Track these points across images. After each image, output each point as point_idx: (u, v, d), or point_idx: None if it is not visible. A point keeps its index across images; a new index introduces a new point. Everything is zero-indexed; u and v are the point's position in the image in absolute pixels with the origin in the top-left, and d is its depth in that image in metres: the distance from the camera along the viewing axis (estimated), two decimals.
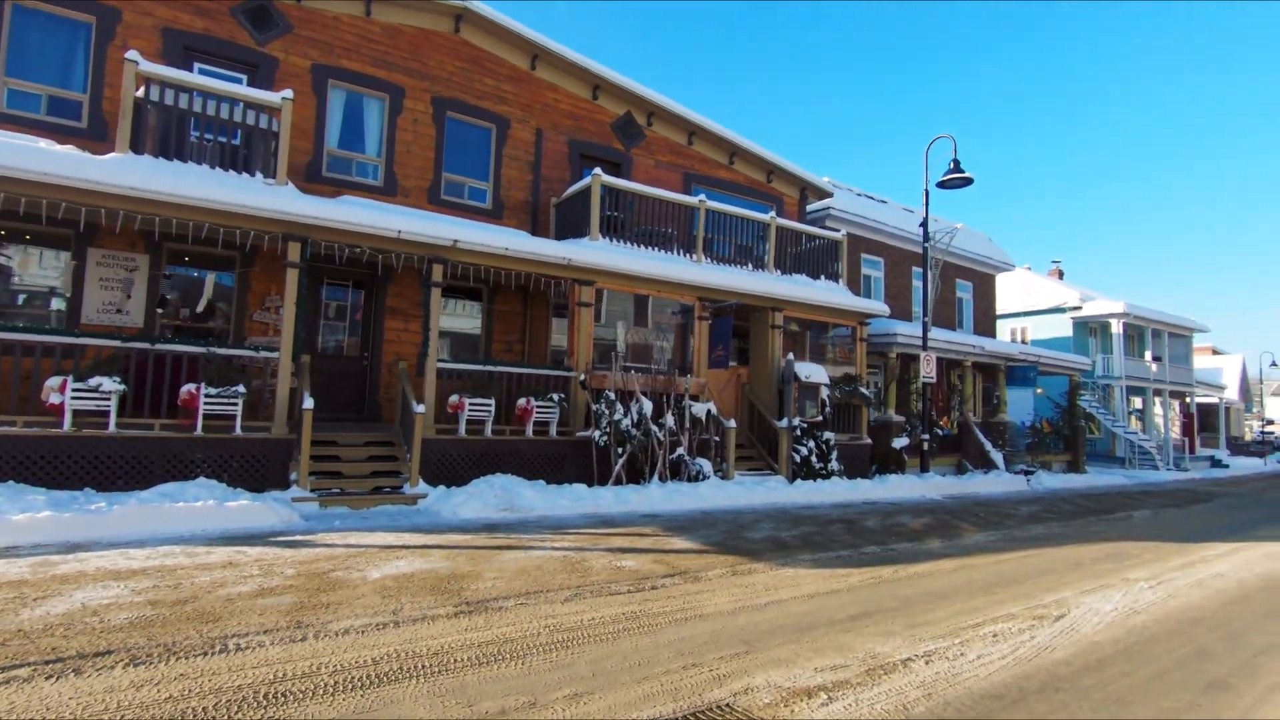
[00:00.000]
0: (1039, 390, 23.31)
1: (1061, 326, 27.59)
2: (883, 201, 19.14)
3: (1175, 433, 30.95)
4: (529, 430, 9.97)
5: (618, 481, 10.32)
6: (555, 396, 10.04)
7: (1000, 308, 29.36)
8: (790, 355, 12.53)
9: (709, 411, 11.33)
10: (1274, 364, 46.93)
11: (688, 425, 11.13)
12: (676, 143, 14.44)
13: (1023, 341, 28.46)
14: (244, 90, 8.33)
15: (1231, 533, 10.61)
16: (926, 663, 4.20)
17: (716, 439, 11.49)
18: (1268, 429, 64.76)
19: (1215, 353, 48.52)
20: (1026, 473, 17.37)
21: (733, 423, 11.47)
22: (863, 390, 13.68)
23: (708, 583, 5.83)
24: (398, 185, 11.22)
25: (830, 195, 16.58)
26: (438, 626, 4.38)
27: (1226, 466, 30.53)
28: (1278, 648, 4.83)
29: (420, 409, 8.80)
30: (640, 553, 6.88)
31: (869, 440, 14.09)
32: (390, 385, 10.73)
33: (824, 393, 12.70)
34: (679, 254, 12.28)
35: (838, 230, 14.63)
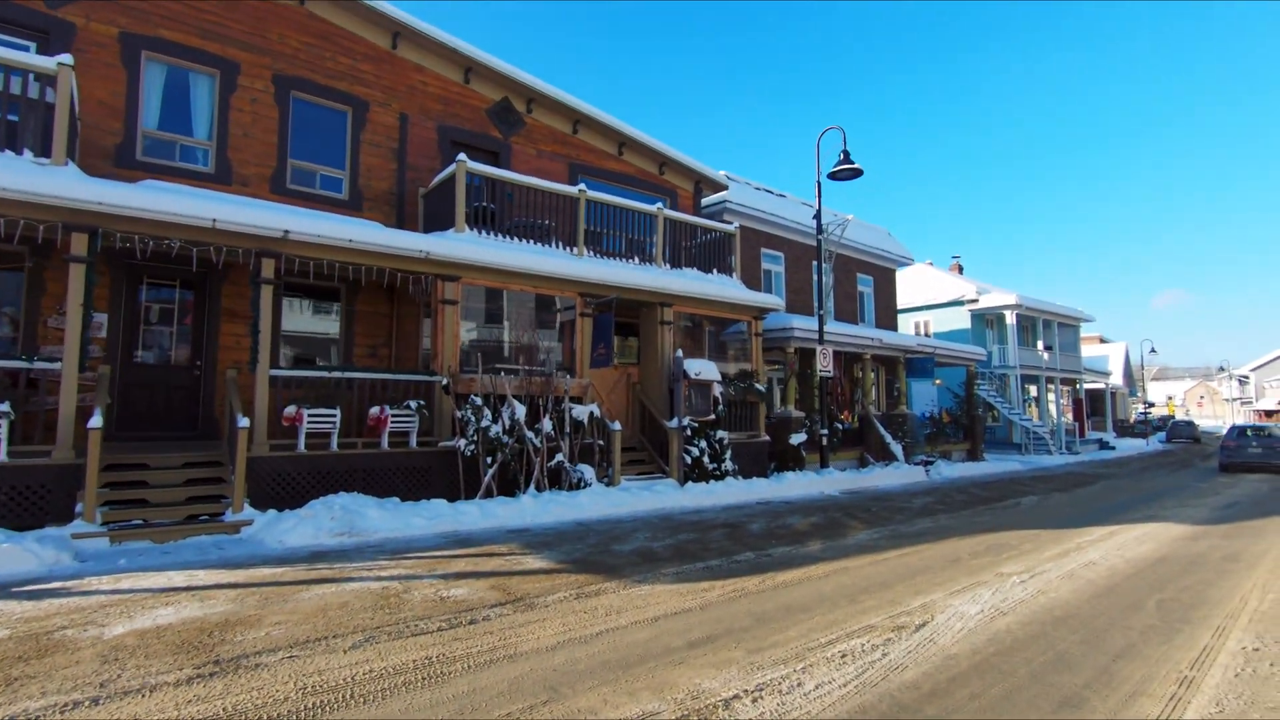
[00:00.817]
0: (937, 381, 23.82)
1: (961, 319, 28.44)
2: (781, 196, 19.01)
3: (1067, 418, 32.50)
4: (384, 442, 8.97)
5: (488, 494, 9.46)
6: (413, 404, 9.08)
7: (904, 302, 30.05)
8: (679, 352, 11.97)
9: (592, 414, 10.62)
10: (1153, 351, 50.40)
11: (568, 430, 10.38)
12: (560, 131, 13.69)
13: (925, 334, 29.21)
14: (4, 54, 7.02)
15: (1109, 515, 10.72)
16: (754, 700, 3.59)
17: (601, 443, 10.79)
18: (1149, 411, 69.73)
19: (1102, 341, 51.74)
20: (926, 463, 17.51)
21: (617, 425, 10.80)
22: (758, 386, 13.29)
23: (542, 611, 5.09)
24: (233, 172, 9.99)
25: (725, 188, 16.21)
26: (153, 700, 3.44)
27: (1113, 448, 32.28)
28: (1136, 648, 4.49)
29: (245, 423, 7.69)
30: (481, 577, 6.07)
31: (767, 438, 13.73)
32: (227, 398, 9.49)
33: (716, 390, 12.21)
34: (560, 248, 11.52)
35: (732, 224, 14.22)
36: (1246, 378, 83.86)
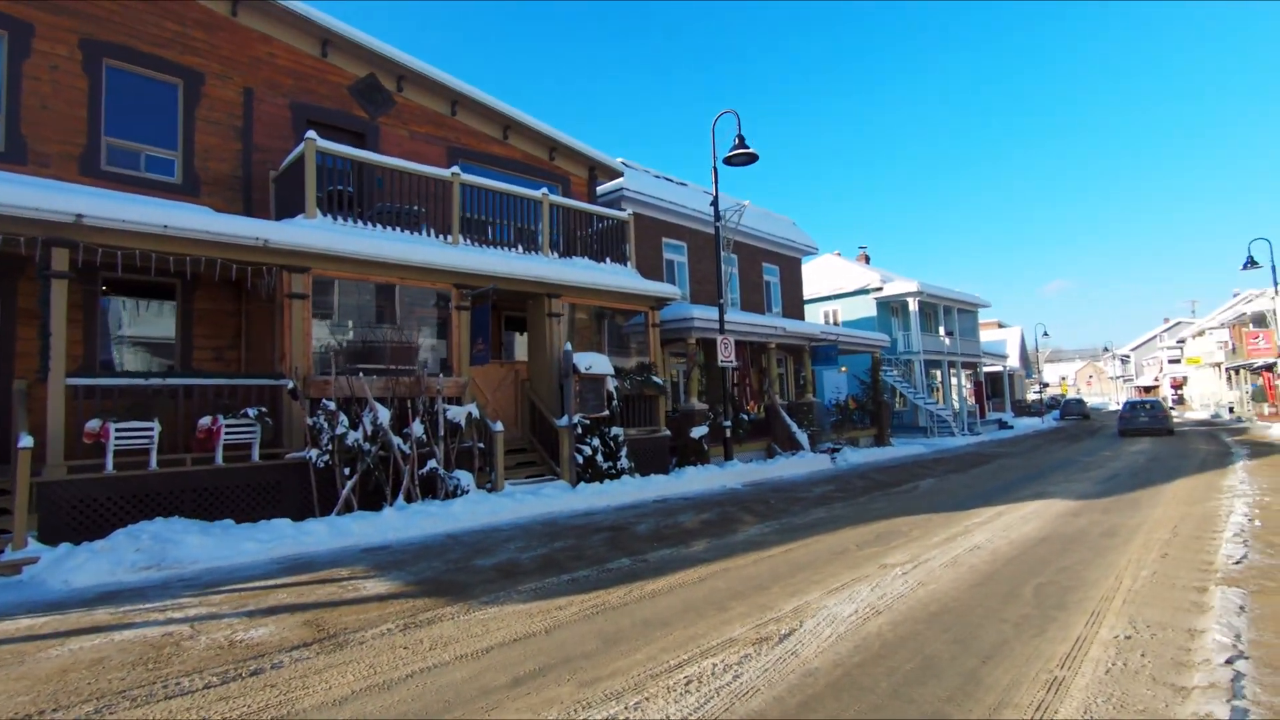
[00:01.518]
0: (843, 369, 24.12)
1: (867, 307, 28.99)
2: (682, 184, 18.60)
3: (969, 400, 33.79)
4: (219, 457, 7.86)
5: (346, 509, 8.48)
6: (252, 412, 8.00)
7: (813, 292, 30.41)
8: (568, 345, 11.27)
9: (470, 415, 9.78)
10: (1046, 334, 53.47)
11: (443, 433, 9.50)
12: (437, 113, 12.71)
13: (834, 323, 29.64)
14: None
15: (1000, 495, 10.75)
16: None
17: (481, 446, 9.96)
18: (1044, 391, 74.28)
19: (1000, 326, 54.48)
20: (833, 451, 17.50)
21: (500, 425, 10.00)
22: (655, 379, 12.76)
23: (353, 650, 4.28)
24: (28, 150, 8.56)
25: (621, 175, 15.61)
26: None
27: (1011, 427, 33.81)
28: (1008, 645, 4.11)
29: (26, 442, 6.48)
30: (298, 610, 5.18)
31: (668, 432, 13.23)
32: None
33: (610, 385, 11.58)
34: (433, 236, 10.60)
35: (626, 211, 13.63)
36: (1128, 357, 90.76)
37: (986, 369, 40.07)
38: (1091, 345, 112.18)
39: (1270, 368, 32.74)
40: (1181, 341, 62.70)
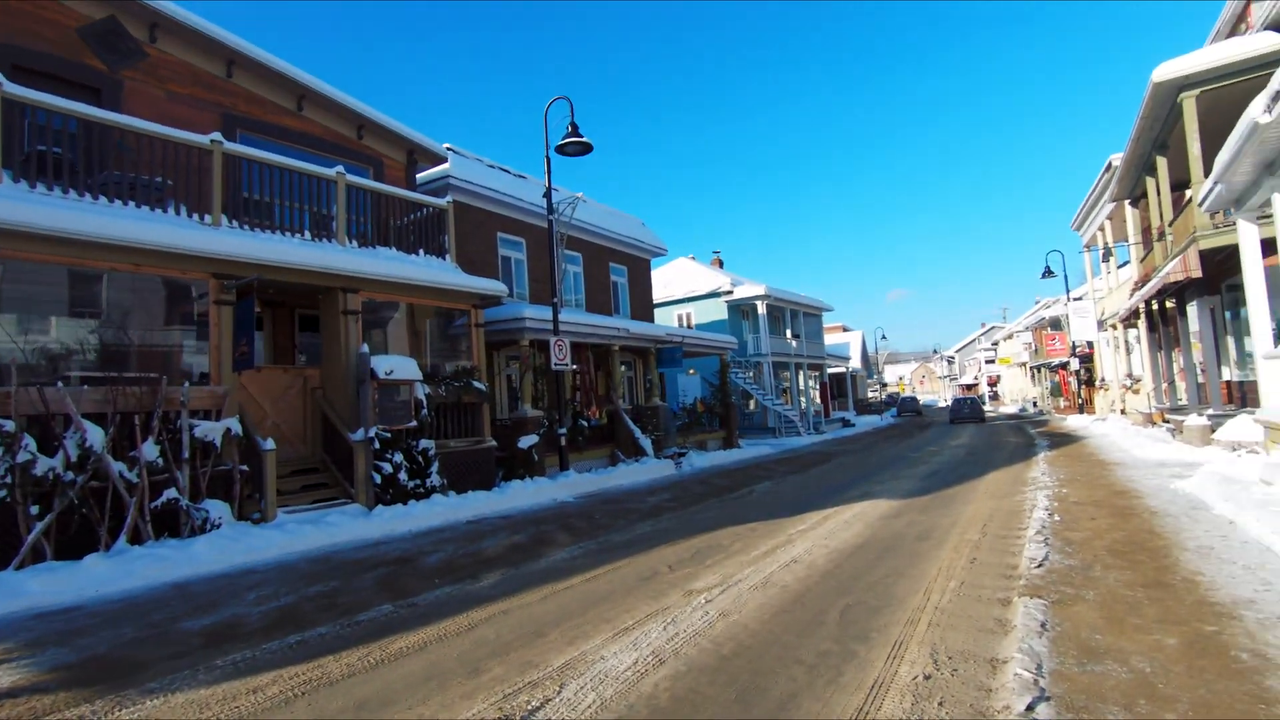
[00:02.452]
0: (691, 371, 24.09)
1: (719, 310, 29.27)
2: (521, 176, 17.46)
3: (816, 400, 35.23)
4: None
5: (36, 558, 6.55)
6: None
7: (668, 294, 30.29)
8: (364, 347, 9.77)
9: (230, 431, 8.06)
10: (884, 338, 57.59)
11: (189, 455, 7.73)
12: (207, 73, 10.71)
13: (688, 326, 29.66)
14: None
15: (831, 496, 10.57)
16: None
17: (245, 469, 8.26)
18: (884, 390, 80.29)
19: (845, 330, 57.94)
20: (678, 456, 17.04)
21: (271, 443, 8.35)
22: (477, 385, 11.51)
23: None
24: None
25: (445, 160, 14.19)
26: None
27: (853, 425, 35.63)
28: (798, 698, 3.38)
29: None
30: None
31: (494, 443, 12.01)
32: None
33: (419, 391, 10.20)
34: (185, 215, 8.73)
35: (445, 198, 12.27)
36: (953, 358, 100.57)
37: (831, 370, 42.18)
38: (924, 348, 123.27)
39: (1065, 366, 36.85)
40: (995, 344, 70.05)
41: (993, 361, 69.87)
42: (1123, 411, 25.06)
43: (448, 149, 14.78)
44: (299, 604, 5.69)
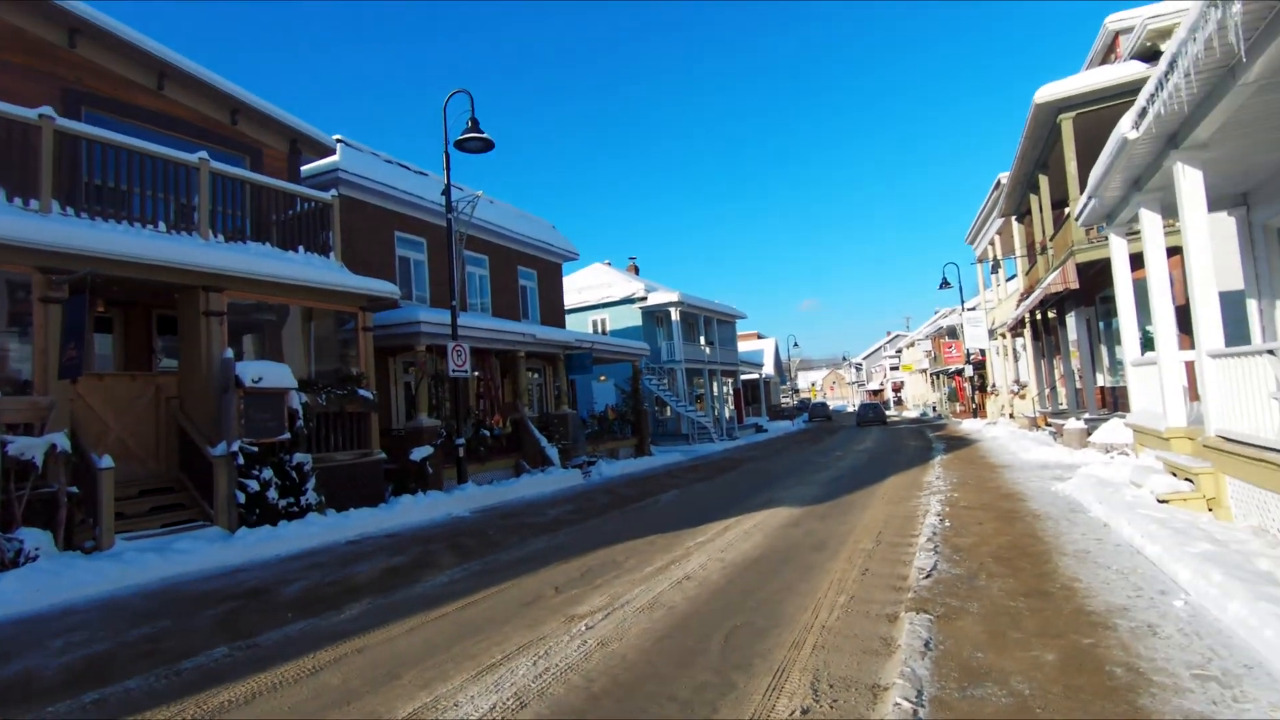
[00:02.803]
0: (602, 379, 23.76)
1: (633, 316, 29.08)
2: (422, 174, 16.60)
3: (730, 406, 35.65)
4: None
5: None
6: None
7: (583, 300, 29.85)
8: (228, 352, 8.84)
9: (55, 448, 7.02)
10: (796, 345, 59.25)
11: None
12: (43, 40, 9.45)
13: (603, 332, 29.32)
14: None
15: (735, 505, 10.42)
16: None
17: (74, 490, 7.22)
18: (796, 396, 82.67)
19: (759, 337, 59.22)
20: (587, 464, 16.60)
21: (108, 461, 7.34)
22: (363, 392, 10.69)
23: None
24: None
25: (333, 152, 13.26)
26: None
27: (766, 431, 36.29)
28: None
29: None
30: None
31: (382, 455, 11.20)
32: None
33: (294, 400, 9.32)
34: (6, 200, 7.59)
35: (331, 193, 11.38)
36: (860, 365, 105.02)
37: (745, 377, 42.87)
38: (835, 355, 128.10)
39: (960, 373, 38.90)
40: (899, 351, 73.42)
41: (897, 368, 73.24)
42: (1011, 416, 26.56)
43: (338, 141, 13.82)
44: (114, 651, 4.89)
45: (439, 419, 13.27)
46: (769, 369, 49.66)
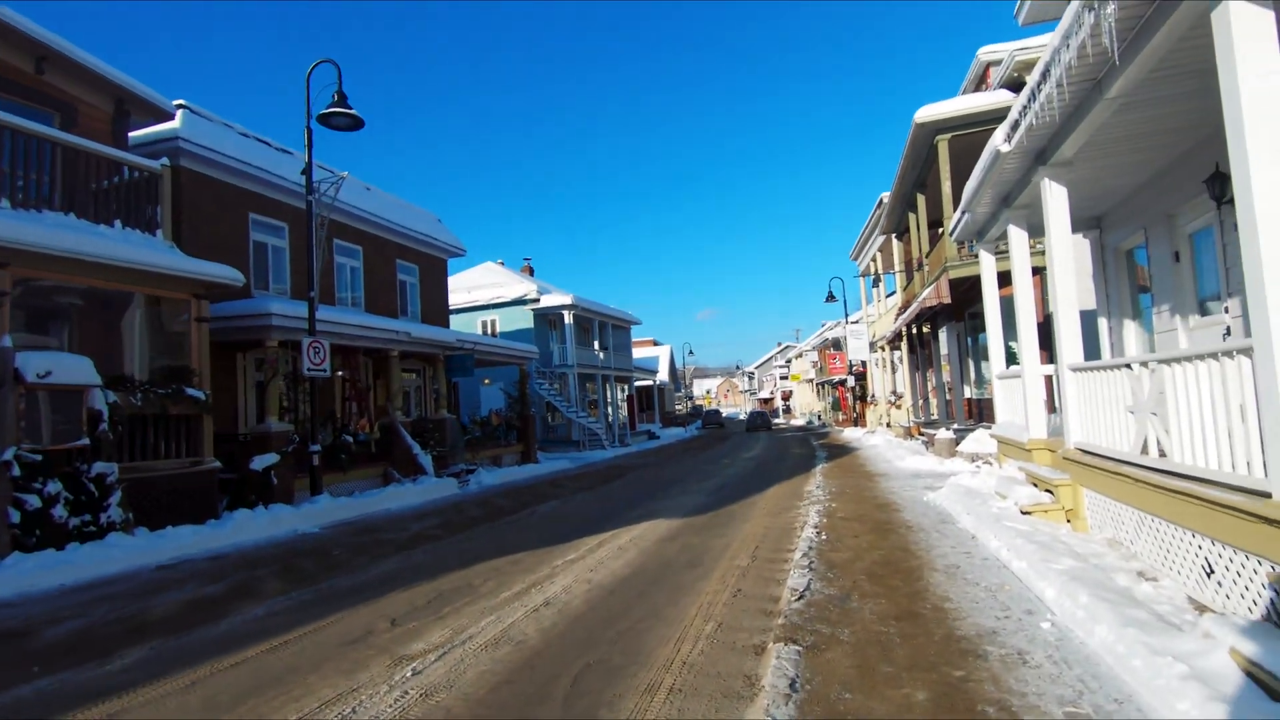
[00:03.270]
0: (486, 382, 22.77)
1: (525, 319, 28.14)
2: (285, 152, 15.04)
3: (623, 413, 35.32)
4: None
5: None
6: None
7: (472, 300, 28.57)
8: (6, 340, 7.33)
9: None
10: (692, 353, 60.01)
11: None
12: None
13: (493, 333, 28.18)
14: None
15: (615, 516, 9.91)
16: None
17: None
18: (691, 403, 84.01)
19: (655, 344, 59.54)
20: (465, 473, 15.61)
21: None
22: (192, 391, 9.31)
23: None
24: None
25: (171, 117, 11.64)
26: None
27: (659, 438, 36.27)
28: None
29: None
30: None
31: (217, 463, 9.81)
32: None
33: (94, 399, 7.89)
34: None
35: (160, 162, 9.89)
36: (753, 374, 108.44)
37: (640, 383, 42.79)
38: (729, 364, 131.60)
39: (843, 383, 40.61)
40: (789, 361, 76.21)
41: (786, 378, 75.97)
42: (888, 425, 27.81)
43: (179, 106, 12.17)
44: None
45: (293, 423, 11.91)
46: (664, 376, 49.91)
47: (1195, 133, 6.37)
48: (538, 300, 27.58)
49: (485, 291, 28.51)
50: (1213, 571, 4.09)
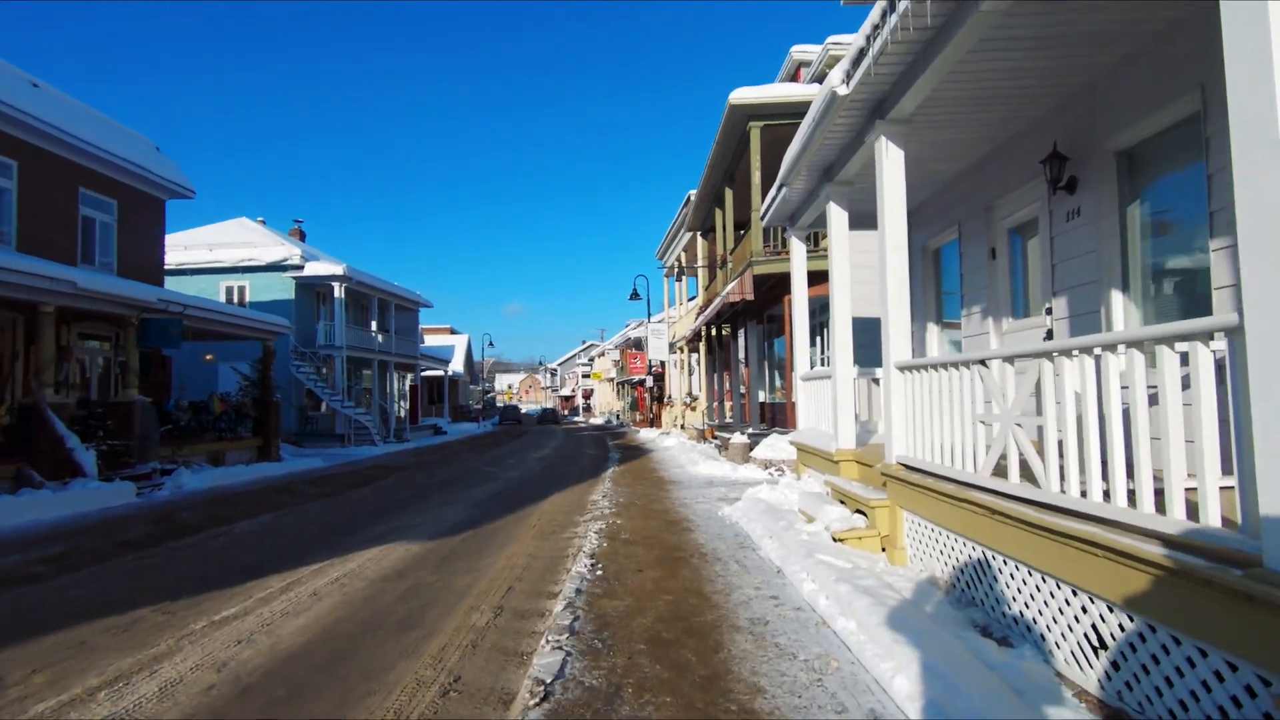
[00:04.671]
0: (209, 357, 18.56)
1: (285, 289, 23.66)
2: None
3: (404, 405, 31.67)
4: None
5: None
6: None
7: (215, 260, 23.45)
8: None
9: None
10: (491, 344, 56.96)
11: None
12: None
13: (240, 302, 23.33)
14: None
15: (343, 536, 7.47)
16: None
17: None
18: (494, 398, 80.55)
19: (453, 332, 55.53)
20: (159, 473, 11.88)
21: None
22: None
23: None
24: None
25: None
26: None
27: (445, 433, 33.08)
28: None
29: None
30: None
31: None
32: None
33: None
34: None
35: None
36: (555, 370, 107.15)
37: (430, 373, 39.10)
38: (535, 359, 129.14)
39: (642, 384, 40.45)
40: (592, 360, 75.89)
41: (588, 376, 75.55)
42: (682, 427, 27.58)
43: None
44: None
45: None
46: (459, 366, 46.40)
47: (1039, 105, 5.64)
48: (301, 268, 23.27)
49: (233, 251, 23.47)
50: (1106, 646, 2.93)
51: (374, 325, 26.48)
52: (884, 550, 5.46)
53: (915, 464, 4.97)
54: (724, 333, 20.07)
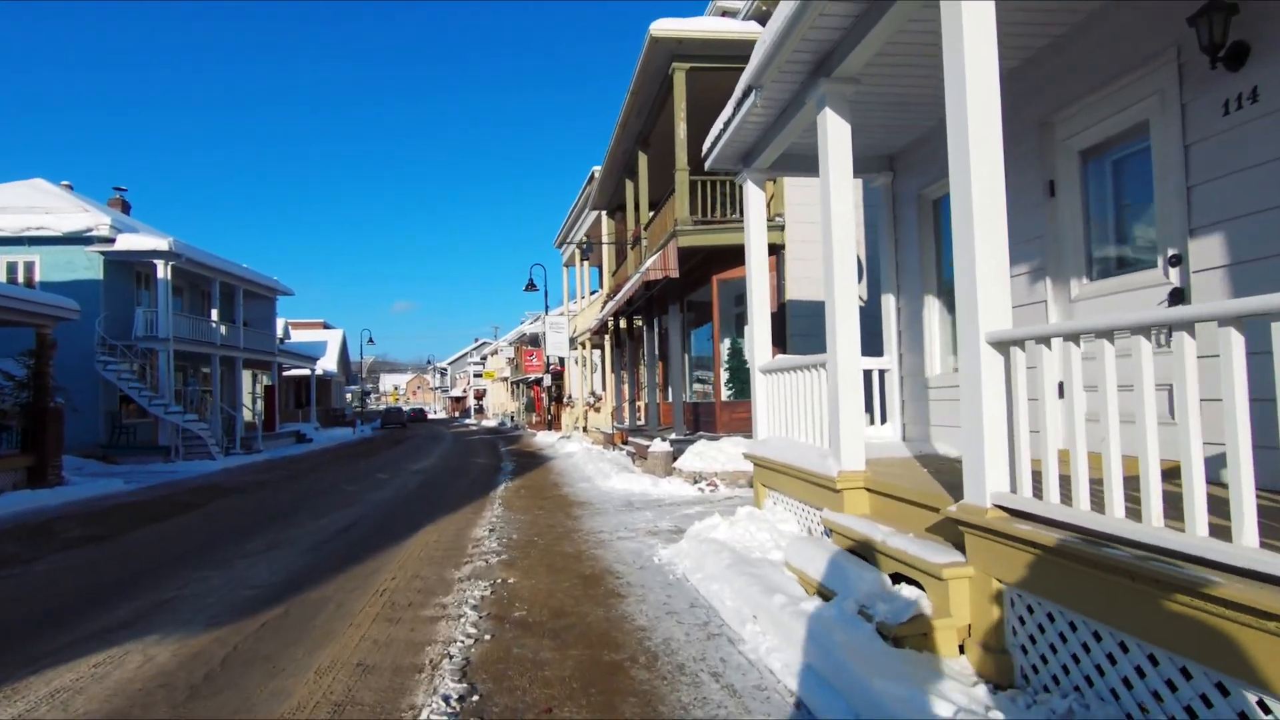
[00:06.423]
0: None
1: (91, 267, 19.01)
2: None
3: (254, 409, 27.17)
4: None
5: None
6: None
7: None
8: None
9: None
10: (371, 341, 51.91)
11: None
12: None
13: (28, 283, 18.48)
14: None
15: (85, 613, 4.40)
16: None
17: None
18: (368, 400, 74.36)
19: (326, 327, 50.03)
20: None
21: None
22: None
23: None
24: None
25: None
26: None
27: (311, 441, 28.76)
28: None
29: None
30: None
31: None
32: None
33: None
34: None
35: None
36: (445, 370, 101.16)
37: (294, 372, 34.31)
38: (423, 358, 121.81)
39: (539, 382, 37.52)
40: (484, 358, 71.69)
41: (481, 376, 71.28)
42: (585, 430, 25.07)
43: None
44: None
45: None
46: (331, 365, 41.46)
47: None
48: (112, 240, 18.69)
49: (16, 218, 18.52)
50: None
51: (215, 315, 22.08)
52: (962, 653, 3.24)
53: (1029, 509, 2.78)
54: (635, 324, 17.76)
